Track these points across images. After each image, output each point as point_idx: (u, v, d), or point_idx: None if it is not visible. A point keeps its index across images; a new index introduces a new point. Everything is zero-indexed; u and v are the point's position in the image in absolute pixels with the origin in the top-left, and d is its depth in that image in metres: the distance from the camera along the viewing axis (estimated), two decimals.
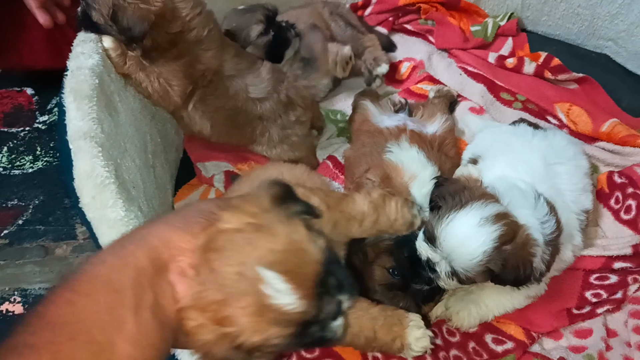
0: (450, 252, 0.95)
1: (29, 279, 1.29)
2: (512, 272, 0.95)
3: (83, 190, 0.96)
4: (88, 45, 1.08)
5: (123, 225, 0.95)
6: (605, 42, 1.63)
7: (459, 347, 1.11)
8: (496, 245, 0.93)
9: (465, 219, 0.94)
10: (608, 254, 1.19)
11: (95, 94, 1.02)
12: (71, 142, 0.98)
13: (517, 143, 1.25)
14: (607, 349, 1.10)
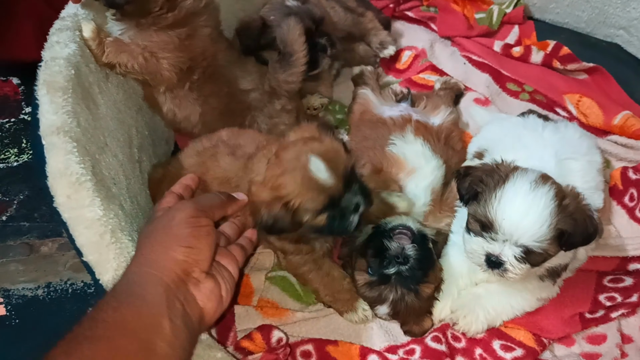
0: (515, 229, 0.84)
1: (13, 279, 1.18)
2: (582, 225, 0.85)
3: (57, 189, 0.86)
4: (64, 34, 0.97)
5: (101, 225, 0.85)
6: (616, 30, 1.50)
7: (465, 353, 1.00)
8: (557, 203, 0.84)
9: (516, 189, 0.85)
10: (622, 254, 1.08)
11: (70, 85, 0.91)
12: (44, 137, 0.87)
13: (527, 137, 1.12)
14: (622, 356, 1.00)
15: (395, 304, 0.97)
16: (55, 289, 1.17)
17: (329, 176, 0.83)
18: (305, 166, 0.82)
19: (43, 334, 1.10)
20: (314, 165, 0.82)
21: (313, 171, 0.82)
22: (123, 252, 0.84)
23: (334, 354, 1.01)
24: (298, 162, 0.83)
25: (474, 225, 0.90)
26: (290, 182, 0.83)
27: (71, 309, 1.14)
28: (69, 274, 1.19)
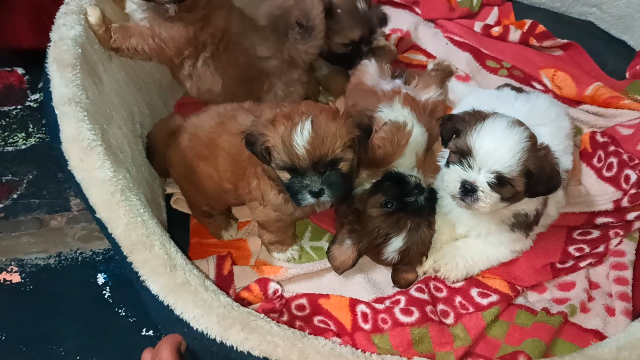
0: (490, 156, 0.96)
1: (25, 250, 1.30)
2: (547, 173, 0.96)
3: (71, 153, 0.98)
4: (70, 17, 1.08)
5: (112, 185, 0.97)
6: (589, 8, 1.63)
7: (446, 301, 1.13)
8: (530, 144, 0.95)
9: (495, 124, 0.98)
10: (590, 209, 1.20)
11: (78, 62, 1.03)
12: (56, 107, 0.99)
13: (500, 107, 1.23)
14: (589, 299, 1.12)
15: (411, 233, 1.09)
16: (65, 258, 1.29)
17: (303, 148, 0.90)
18: (297, 123, 0.91)
19: (55, 297, 1.22)
20: (300, 129, 0.90)
21: (296, 132, 0.90)
22: (132, 209, 0.96)
23: (326, 306, 1.13)
24: (297, 117, 0.92)
25: (453, 157, 1.02)
26: (279, 124, 0.93)
27: (81, 275, 1.26)
28: (78, 244, 1.31)
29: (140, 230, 0.94)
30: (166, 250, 0.95)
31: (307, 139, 0.90)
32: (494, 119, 0.99)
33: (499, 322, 1.09)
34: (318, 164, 0.93)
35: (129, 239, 0.94)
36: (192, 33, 1.19)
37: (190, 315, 0.87)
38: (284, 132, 0.92)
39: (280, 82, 1.34)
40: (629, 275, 1.13)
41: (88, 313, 1.19)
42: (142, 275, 0.92)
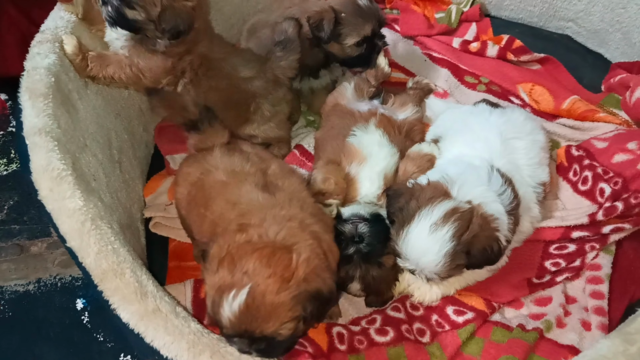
0: (417, 264, 1.02)
1: (5, 276, 1.34)
2: (480, 255, 1.00)
3: (41, 183, 1.01)
4: (45, 46, 1.14)
5: (82, 214, 1.00)
6: (566, 22, 1.70)
7: (422, 320, 1.16)
8: (454, 243, 0.98)
9: (417, 232, 1.00)
10: (566, 224, 1.23)
11: (50, 91, 1.08)
12: (27, 138, 1.03)
13: (474, 122, 1.30)
14: (565, 314, 1.15)
15: (364, 278, 1.11)
16: (45, 284, 1.33)
17: (228, 319, 0.82)
18: (232, 287, 0.82)
19: (35, 323, 1.26)
20: (232, 297, 0.81)
21: (226, 299, 0.81)
22: (103, 238, 0.99)
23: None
24: (238, 275, 0.83)
25: (393, 248, 1.06)
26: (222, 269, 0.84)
27: (60, 300, 1.30)
28: (57, 270, 1.35)
29: (111, 259, 0.97)
30: (137, 277, 0.97)
31: (235, 312, 0.82)
32: (417, 223, 1.01)
33: (475, 339, 1.12)
34: (244, 335, 0.85)
35: (100, 267, 0.97)
36: (171, 64, 1.23)
37: (161, 342, 0.90)
38: (215, 292, 0.84)
39: (266, 102, 1.38)
40: (605, 289, 1.16)
41: (68, 338, 1.23)
42: (112, 304, 0.94)
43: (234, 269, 0.83)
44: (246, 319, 0.81)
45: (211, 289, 0.84)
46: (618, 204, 1.19)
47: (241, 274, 0.82)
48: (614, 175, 1.27)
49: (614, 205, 1.20)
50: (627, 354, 0.80)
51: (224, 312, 0.82)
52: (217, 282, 0.83)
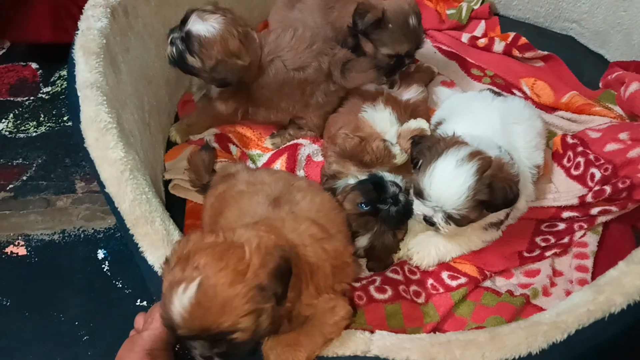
0: (439, 198, 1.12)
1: (32, 227, 1.50)
2: (500, 194, 1.11)
3: (88, 132, 1.17)
4: (98, 10, 1.31)
5: (122, 164, 1.15)
6: (570, 24, 1.87)
7: (419, 283, 1.31)
8: (477, 178, 1.09)
9: (443, 165, 1.12)
10: (557, 204, 1.39)
11: (102, 51, 1.25)
12: (79, 90, 1.19)
13: (477, 105, 1.46)
14: (551, 285, 1.30)
15: (375, 237, 1.25)
16: (69, 235, 1.49)
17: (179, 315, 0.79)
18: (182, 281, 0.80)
19: (58, 269, 1.42)
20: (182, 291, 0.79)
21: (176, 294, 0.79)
22: (138, 187, 1.13)
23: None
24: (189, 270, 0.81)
25: (415, 190, 1.19)
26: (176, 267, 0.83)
27: (83, 250, 1.46)
28: (81, 223, 1.51)
29: (144, 207, 1.12)
30: (165, 226, 1.12)
31: (186, 307, 0.79)
32: (444, 158, 1.12)
33: (467, 302, 1.27)
34: (199, 335, 0.81)
35: (134, 213, 1.11)
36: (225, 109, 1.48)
37: None
38: (167, 285, 0.82)
39: (319, 90, 1.50)
40: (589, 264, 1.31)
41: (88, 284, 1.39)
42: (141, 247, 1.08)
43: (186, 265, 0.82)
44: (198, 313, 0.78)
45: (164, 289, 0.83)
46: (606, 187, 1.35)
47: (192, 269, 0.81)
48: (604, 162, 1.43)
49: (603, 188, 1.36)
50: (596, 302, 0.95)
51: (175, 309, 0.79)
52: (169, 279, 0.82)
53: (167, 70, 1.62)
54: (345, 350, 0.94)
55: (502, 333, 0.94)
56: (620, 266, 1.00)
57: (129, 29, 1.43)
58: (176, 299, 0.79)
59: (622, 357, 1.26)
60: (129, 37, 1.42)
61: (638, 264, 0.98)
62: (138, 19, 1.46)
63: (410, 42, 1.51)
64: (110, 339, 1.27)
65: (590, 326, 0.94)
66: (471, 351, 0.92)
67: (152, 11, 1.52)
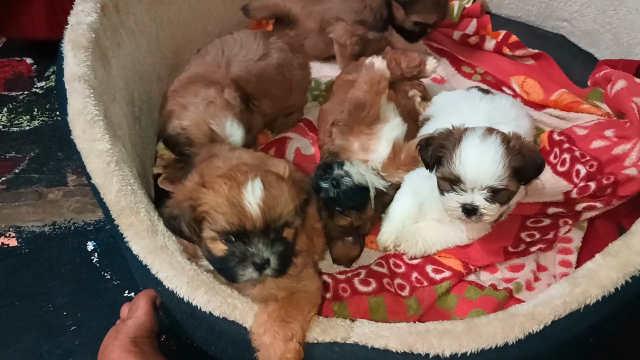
0: (477, 176, 1.11)
1: (24, 218, 1.53)
2: (531, 160, 1.12)
3: (75, 124, 1.19)
4: (88, 5, 1.34)
5: (108, 156, 1.17)
6: (561, 22, 1.89)
7: (403, 276, 1.33)
8: (505, 146, 1.12)
9: (470, 144, 1.13)
10: (543, 200, 1.41)
11: (91, 45, 1.27)
12: (67, 83, 1.22)
13: (465, 105, 1.49)
14: (535, 279, 1.32)
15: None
16: (59, 226, 1.52)
17: (257, 206, 0.87)
18: (243, 182, 0.89)
19: (48, 260, 1.45)
20: (251, 187, 0.88)
21: (247, 190, 0.88)
22: (124, 179, 1.15)
23: None
24: (242, 175, 0.90)
25: (444, 185, 1.17)
26: (218, 186, 0.90)
27: (72, 242, 1.48)
28: (71, 215, 1.54)
29: (129, 198, 1.14)
30: (150, 217, 1.14)
31: (260, 197, 0.88)
32: (467, 139, 1.14)
33: (450, 295, 1.29)
34: (270, 227, 0.90)
35: (119, 204, 1.13)
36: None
37: (164, 275, 1.04)
38: (228, 192, 0.89)
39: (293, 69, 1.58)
40: (573, 260, 1.33)
41: (77, 275, 1.41)
42: (126, 237, 1.10)
43: (232, 175, 0.90)
44: (271, 201, 0.88)
45: (220, 199, 0.89)
46: (591, 183, 1.37)
47: (242, 174, 0.90)
48: (590, 159, 1.44)
49: (588, 184, 1.37)
50: (572, 294, 0.97)
51: (250, 204, 0.87)
52: (225, 190, 0.88)
53: (159, 66, 1.65)
54: (326, 336, 0.96)
55: (480, 324, 0.96)
56: (597, 259, 1.02)
57: (120, 24, 1.46)
58: (249, 195, 0.87)
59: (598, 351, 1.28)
60: (120, 33, 1.45)
61: (614, 256, 0.99)
62: (130, 16, 1.49)
63: (439, 13, 1.67)
64: (97, 329, 1.30)
65: (566, 317, 0.96)
66: (448, 340, 0.93)
67: (144, 8, 1.56)
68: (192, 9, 1.76)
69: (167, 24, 1.66)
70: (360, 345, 0.94)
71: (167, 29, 1.67)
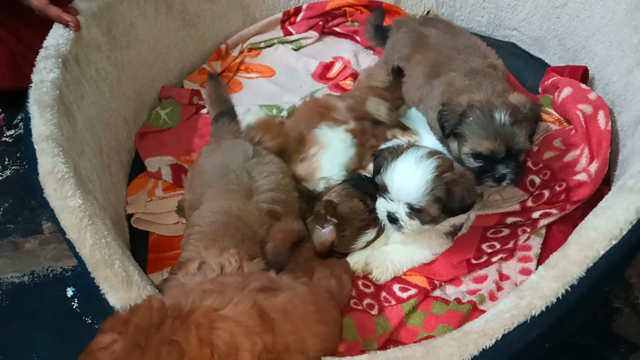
0: (400, 192, 1.25)
1: (2, 270, 1.60)
2: (458, 198, 1.23)
3: (46, 183, 1.25)
4: (49, 61, 1.40)
5: (81, 212, 1.23)
6: (510, 31, 2.00)
7: (372, 296, 1.42)
8: (436, 174, 1.23)
9: (404, 162, 1.26)
10: (501, 210, 1.52)
11: (55, 103, 1.34)
12: (36, 143, 1.28)
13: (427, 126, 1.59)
14: (498, 289, 1.42)
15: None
16: (38, 275, 1.59)
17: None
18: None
19: (29, 311, 1.52)
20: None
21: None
22: (97, 232, 1.22)
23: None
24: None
25: (380, 190, 1.33)
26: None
27: (52, 290, 1.56)
28: (49, 263, 1.61)
29: (103, 251, 1.19)
30: (125, 268, 1.19)
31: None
32: (405, 155, 1.27)
33: (417, 312, 1.39)
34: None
35: (94, 257, 1.19)
36: None
37: None
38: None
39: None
40: (533, 267, 1.43)
41: (59, 323, 1.49)
42: (102, 290, 1.16)
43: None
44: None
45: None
46: (545, 191, 1.48)
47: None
48: (543, 167, 1.55)
49: (542, 192, 1.49)
50: (518, 307, 1.06)
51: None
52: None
53: (124, 109, 1.73)
54: None
55: (436, 345, 1.03)
56: (539, 271, 1.11)
57: (82, 76, 1.53)
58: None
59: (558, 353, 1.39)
60: (82, 84, 1.53)
61: (554, 267, 1.09)
62: (90, 65, 1.57)
63: (493, 140, 1.29)
64: None
65: (514, 330, 1.04)
66: None
67: (103, 56, 1.63)
68: (152, 49, 1.84)
69: (128, 67, 1.74)
70: None
71: (128, 71, 1.74)
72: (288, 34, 2.13)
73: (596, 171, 1.47)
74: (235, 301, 0.87)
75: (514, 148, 1.32)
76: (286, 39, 2.11)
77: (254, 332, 0.84)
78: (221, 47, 2.06)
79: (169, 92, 1.91)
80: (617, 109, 1.61)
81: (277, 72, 2.01)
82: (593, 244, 1.08)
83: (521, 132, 1.30)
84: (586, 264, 1.06)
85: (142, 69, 1.81)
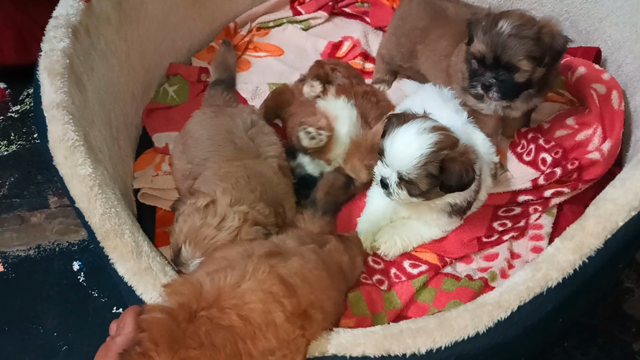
0: (394, 159, 1.23)
1: (8, 244, 1.59)
2: (454, 176, 1.21)
3: (56, 151, 1.24)
4: (59, 31, 1.38)
5: (91, 180, 1.22)
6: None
7: (382, 272, 1.41)
8: (433, 150, 1.20)
9: (406, 130, 1.23)
10: (513, 189, 1.50)
11: (66, 72, 1.33)
12: (46, 111, 1.27)
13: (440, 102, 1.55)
14: (509, 267, 1.41)
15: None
16: (44, 249, 1.58)
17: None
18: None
19: (35, 284, 1.50)
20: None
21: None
22: (107, 202, 1.21)
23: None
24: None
25: (380, 153, 1.30)
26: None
27: (58, 263, 1.54)
28: (55, 237, 1.60)
29: (113, 220, 1.18)
30: (134, 238, 1.18)
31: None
32: (409, 124, 1.24)
33: (428, 288, 1.38)
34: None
35: (103, 227, 1.18)
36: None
37: (149, 296, 1.08)
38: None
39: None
40: (544, 245, 1.43)
41: (65, 296, 1.48)
42: (111, 259, 1.15)
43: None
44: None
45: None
46: (557, 169, 1.47)
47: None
48: (555, 145, 1.54)
49: (554, 171, 1.47)
50: (534, 279, 1.05)
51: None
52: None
53: (132, 85, 1.71)
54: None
55: (450, 317, 1.02)
56: (555, 243, 1.10)
57: (92, 48, 1.52)
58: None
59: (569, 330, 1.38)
60: (92, 56, 1.51)
61: (570, 239, 1.08)
62: (100, 38, 1.55)
63: (485, 45, 1.30)
64: (89, 347, 1.37)
65: (530, 302, 1.03)
66: (422, 338, 0.99)
67: (113, 29, 1.61)
68: (161, 26, 1.82)
69: (137, 43, 1.72)
70: (338, 356, 0.97)
71: (137, 47, 1.72)
72: (297, 14, 2.11)
73: (609, 150, 1.46)
74: (251, 271, 0.87)
75: (503, 59, 1.32)
76: (295, 18, 2.10)
77: (280, 296, 0.85)
78: (230, 26, 2.04)
79: (177, 69, 1.89)
80: (629, 91, 1.59)
81: (285, 51, 2.00)
82: (611, 216, 1.06)
83: (518, 45, 1.29)
84: (604, 235, 1.05)
85: (151, 45, 1.79)
